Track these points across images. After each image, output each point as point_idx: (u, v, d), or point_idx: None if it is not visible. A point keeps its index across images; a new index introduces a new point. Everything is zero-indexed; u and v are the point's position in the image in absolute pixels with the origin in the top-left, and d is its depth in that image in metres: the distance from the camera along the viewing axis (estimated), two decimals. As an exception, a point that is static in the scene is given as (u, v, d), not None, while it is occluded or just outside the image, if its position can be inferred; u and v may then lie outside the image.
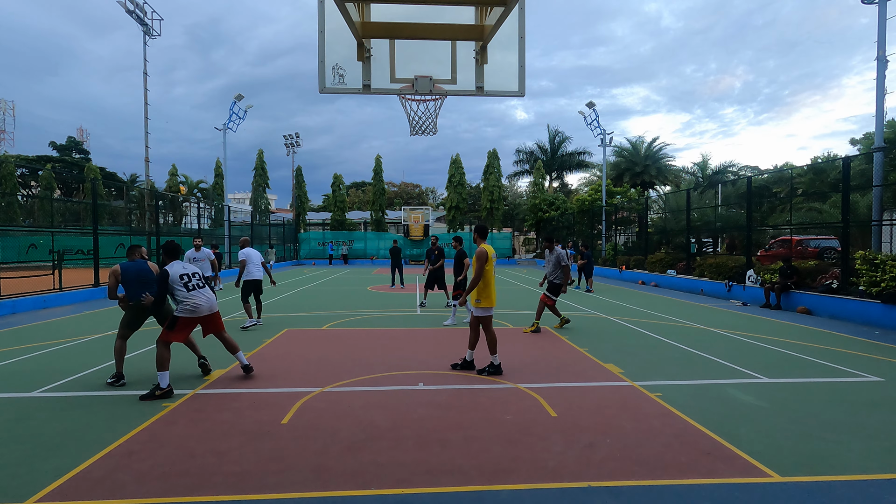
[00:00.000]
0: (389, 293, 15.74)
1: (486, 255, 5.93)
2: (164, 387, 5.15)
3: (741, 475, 3.42)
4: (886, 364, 6.57)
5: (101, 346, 7.70)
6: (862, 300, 10.05)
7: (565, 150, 43.86)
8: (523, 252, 47.61)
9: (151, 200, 21.01)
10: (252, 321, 9.34)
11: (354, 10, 4.76)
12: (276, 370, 6.24)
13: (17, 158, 46.26)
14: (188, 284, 5.49)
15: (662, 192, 37.57)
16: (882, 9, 12.11)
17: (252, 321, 9.34)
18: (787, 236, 16.22)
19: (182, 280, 5.47)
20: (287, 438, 4.06)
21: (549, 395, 5.17)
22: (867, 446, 3.91)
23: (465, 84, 5.33)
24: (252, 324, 9.30)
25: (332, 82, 5.14)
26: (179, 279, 5.46)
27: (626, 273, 21.46)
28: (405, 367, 6.36)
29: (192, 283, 5.52)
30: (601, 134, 28.29)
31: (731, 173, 39.61)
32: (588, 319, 10.42)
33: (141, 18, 21.55)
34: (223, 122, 27.40)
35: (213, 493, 3.18)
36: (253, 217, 34.19)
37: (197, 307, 5.47)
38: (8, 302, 11.44)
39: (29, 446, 3.92)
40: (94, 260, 14.91)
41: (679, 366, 6.46)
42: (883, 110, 12.18)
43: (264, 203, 39.51)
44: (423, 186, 72.09)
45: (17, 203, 35.21)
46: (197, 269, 5.77)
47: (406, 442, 4.00)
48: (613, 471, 3.48)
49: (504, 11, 4.58)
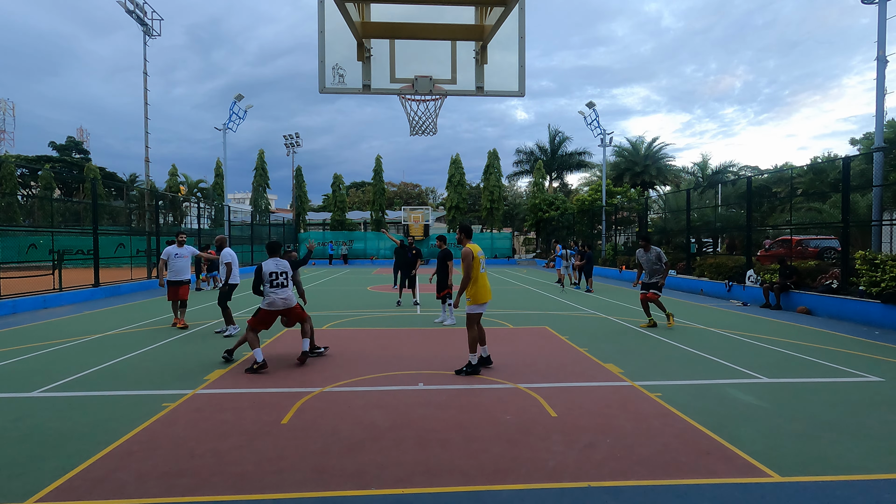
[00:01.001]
0: (390, 293, 15.72)
1: (471, 255, 6.01)
2: (259, 361, 6.05)
3: (741, 475, 3.42)
4: (886, 364, 6.57)
5: (102, 346, 7.69)
6: (862, 300, 10.05)
7: (565, 150, 43.86)
8: (523, 252, 47.61)
9: (151, 200, 21.01)
10: (234, 328, 8.62)
11: (354, 10, 4.76)
12: (276, 370, 6.24)
13: (17, 158, 46.28)
14: (273, 281, 6.34)
15: (662, 192, 37.59)
16: (882, 9, 12.11)
17: (234, 328, 8.62)
18: (787, 236, 16.22)
19: (270, 277, 6.33)
20: (287, 438, 4.06)
21: (549, 395, 5.17)
22: (867, 446, 3.91)
23: (465, 84, 5.34)
24: (231, 331, 8.55)
25: (333, 82, 5.14)
26: (269, 275, 6.33)
27: (626, 273, 21.45)
28: (405, 367, 6.36)
29: (276, 281, 6.35)
30: (601, 134, 28.29)
31: (731, 173, 39.62)
32: (588, 319, 10.42)
33: (141, 18, 21.54)
34: (223, 122, 27.42)
35: (213, 493, 3.17)
36: (253, 217, 34.19)
37: (272, 302, 6.35)
38: (8, 302, 11.44)
39: (29, 446, 3.92)
40: (94, 260, 14.90)
41: (679, 366, 6.46)
42: (883, 110, 12.19)
43: (264, 203, 39.52)
44: (423, 186, 72.15)
45: (17, 203, 35.21)
46: (287, 269, 6.46)
47: (406, 442, 4.00)
48: (613, 471, 3.48)
49: (504, 11, 4.58)
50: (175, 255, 9.36)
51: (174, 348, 7.55)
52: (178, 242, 9.55)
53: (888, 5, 12.09)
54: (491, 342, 7.85)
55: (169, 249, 9.38)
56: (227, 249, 8.75)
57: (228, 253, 8.67)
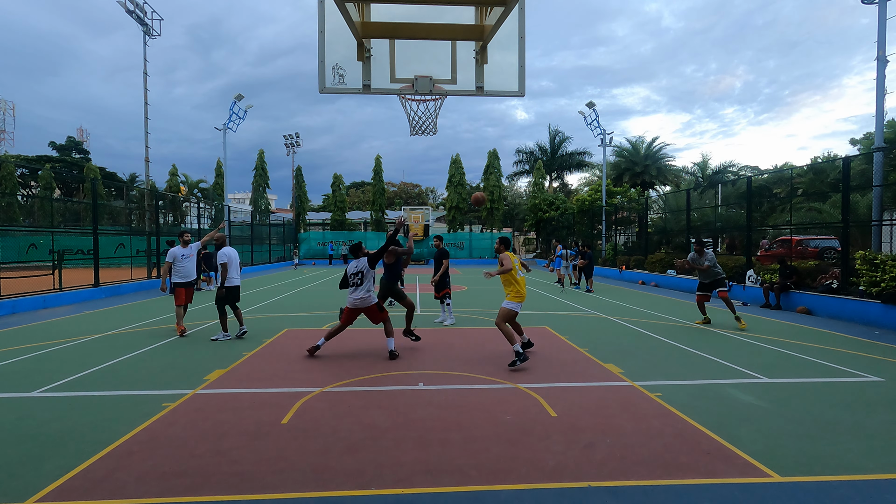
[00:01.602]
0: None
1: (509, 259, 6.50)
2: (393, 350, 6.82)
3: (741, 475, 3.42)
4: (886, 364, 6.57)
5: (102, 346, 7.69)
6: (862, 300, 10.05)
7: (565, 150, 43.88)
8: (523, 252, 47.60)
9: (151, 200, 21.00)
10: (226, 335, 8.19)
11: (354, 10, 4.76)
12: (276, 370, 6.24)
13: (17, 158, 46.25)
14: (352, 281, 6.82)
15: (662, 192, 37.59)
16: (882, 9, 12.11)
17: (226, 335, 8.19)
18: (787, 236, 16.21)
19: (350, 278, 6.83)
20: (287, 438, 4.06)
21: (549, 395, 5.17)
22: (867, 446, 3.91)
23: (465, 84, 5.33)
24: (225, 337, 8.17)
25: (332, 82, 5.14)
26: (349, 276, 6.83)
27: (627, 273, 21.46)
28: (405, 367, 6.36)
29: (353, 280, 6.81)
30: (601, 134, 28.27)
31: (731, 173, 39.62)
32: (588, 319, 10.42)
33: (141, 18, 21.54)
34: (223, 122, 27.41)
35: (213, 493, 3.18)
36: (253, 217, 34.18)
37: (351, 301, 6.81)
38: (8, 302, 11.44)
39: (29, 446, 3.92)
40: (94, 260, 14.90)
41: (679, 366, 6.46)
42: (883, 110, 12.18)
43: (264, 203, 39.51)
44: (423, 186, 72.12)
45: (17, 203, 35.20)
46: (363, 268, 6.80)
47: (406, 442, 4.00)
48: (613, 471, 3.48)
49: (504, 11, 4.58)
50: (182, 255, 8.65)
51: (174, 348, 7.55)
52: (183, 242, 8.82)
53: (888, 5, 12.09)
54: (491, 342, 7.86)
55: (174, 251, 8.65)
56: (225, 249, 8.23)
57: (224, 253, 8.11)
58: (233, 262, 8.22)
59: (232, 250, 8.32)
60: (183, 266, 8.64)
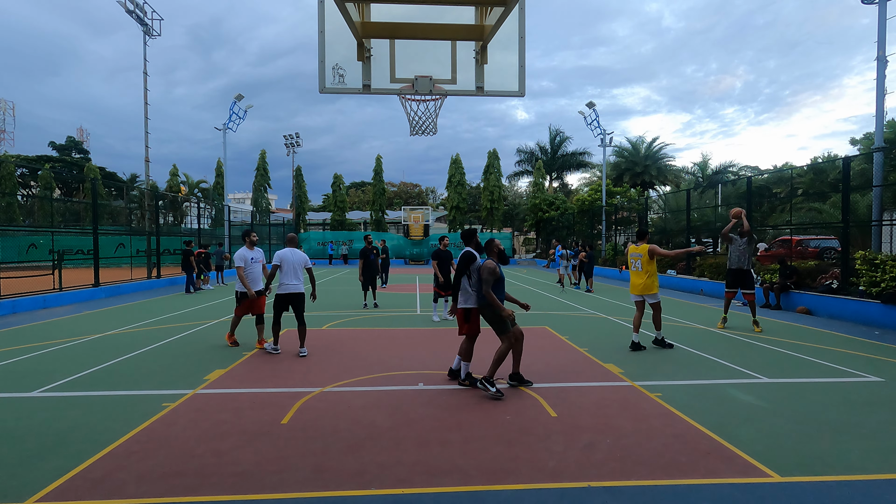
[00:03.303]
0: (390, 293, 15.74)
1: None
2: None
3: (741, 475, 3.42)
4: (886, 364, 6.56)
5: (102, 346, 7.69)
6: (862, 300, 10.05)
7: (565, 150, 43.86)
8: (523, 252, 47.60)
9: (151, 200, 21.00)
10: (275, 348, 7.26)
11: (354, 10, 4.76)
12: (276, 370, 6.24)
13: (17, 158, 46.24)
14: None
15: (662, 192, 37.58)
16: (882, 9, 12.10)
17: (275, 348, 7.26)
18: (787, 236, 16.21)
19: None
20: (287, 438, 4.06)
21: (549, 395, 5.17)
22: (867, 446, 3.91)
23: (465, 84, 5.33)
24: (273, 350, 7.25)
25: (333, 82, 5.14)
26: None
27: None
28: (405, 367, 6.36)
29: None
30: (601, 134, 28.27)
31: (731, 173, 39.62)
32: (588, 319, 10.42)
33: (141, 18, 21.51)
34: (223, 123, 27.40)
35: (213, 493, 3.17)
36: (253, 217, 34.17)
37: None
38: (8, 302, 11.44)
39: (29, 446, 3.92)
40: (94, 260, 14.91)
41: (679, 366, 6.46)
42: (883, 110, 12.17)
43: (265, 203, 39.53)
44: (423, 186, 72.10)
45: (17, 203, 35.20)
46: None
47: (406, 442, 4.00)
48: (613, 471, 3.48)
49: (504, 11, 4.57)
50: (251, 259, 7.49)
51: (174, 348, 7.54)
52: (250, 243, 7.62)
53: (888, 5, 12.08)
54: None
55: (243, 253, 7.44)
56: (241, 250, 7.44)
57: (279, 255, 7.00)
58: (287, 265, 6.99)
59: (290, 251, 7.11)
60: (250, 271, 7.47)
